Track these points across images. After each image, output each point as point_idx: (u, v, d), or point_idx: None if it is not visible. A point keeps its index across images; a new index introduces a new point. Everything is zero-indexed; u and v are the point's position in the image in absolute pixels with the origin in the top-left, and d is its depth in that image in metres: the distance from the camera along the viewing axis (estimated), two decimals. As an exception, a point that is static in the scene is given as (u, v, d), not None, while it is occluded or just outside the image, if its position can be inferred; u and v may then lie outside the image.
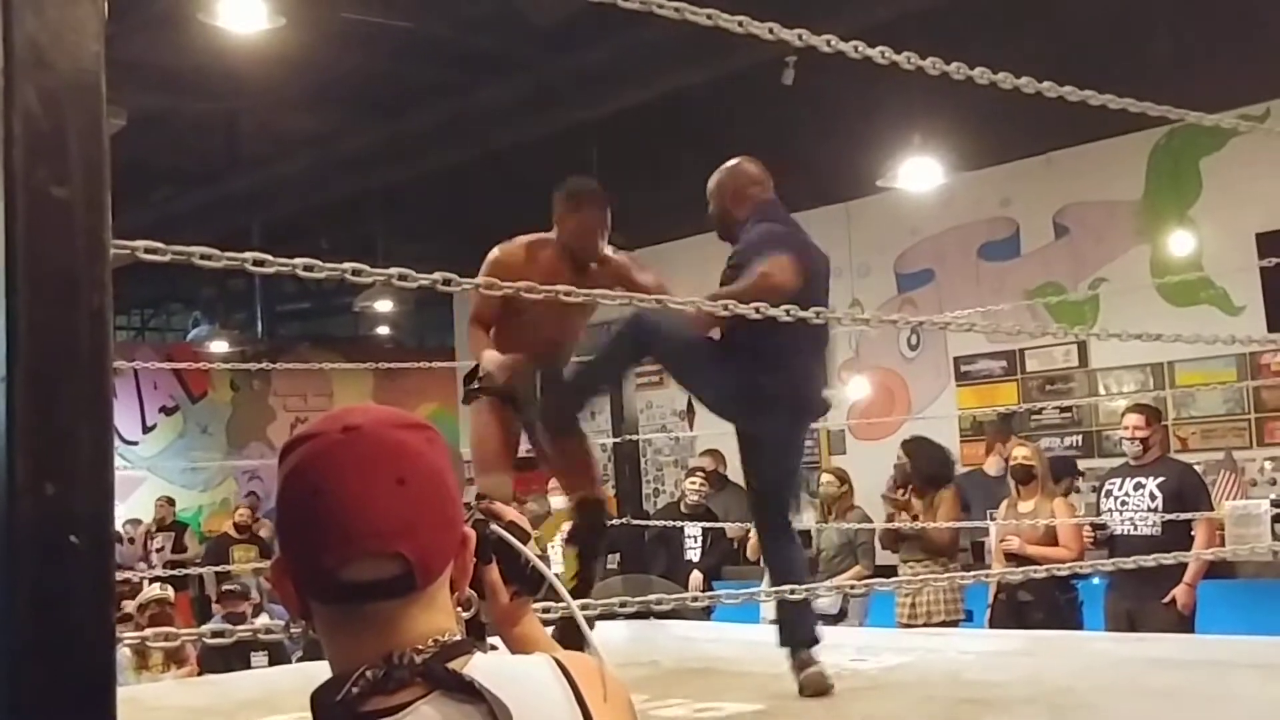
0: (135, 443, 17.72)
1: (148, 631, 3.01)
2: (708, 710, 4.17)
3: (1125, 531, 6.74)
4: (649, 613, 5.12)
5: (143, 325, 20.08)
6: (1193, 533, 6.60)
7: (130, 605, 7.05)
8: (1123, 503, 6.82)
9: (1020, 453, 7.38)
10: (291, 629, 1.87)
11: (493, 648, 1.41)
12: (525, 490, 9.68)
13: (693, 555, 9.01)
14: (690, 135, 10.45)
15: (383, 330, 17.98)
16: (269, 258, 2.32)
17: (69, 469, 1.22)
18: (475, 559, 1.36)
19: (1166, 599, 6.59)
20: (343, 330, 19.54)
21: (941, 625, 7.28)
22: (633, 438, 6.78)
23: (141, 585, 7.53)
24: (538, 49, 9.34)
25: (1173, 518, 6.48)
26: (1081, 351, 11.04)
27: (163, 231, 2.41)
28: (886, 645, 5.40)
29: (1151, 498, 6.72)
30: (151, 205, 12.10)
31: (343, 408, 1.33)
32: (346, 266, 2.42)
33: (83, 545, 1.22)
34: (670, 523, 8.50)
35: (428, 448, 1.29)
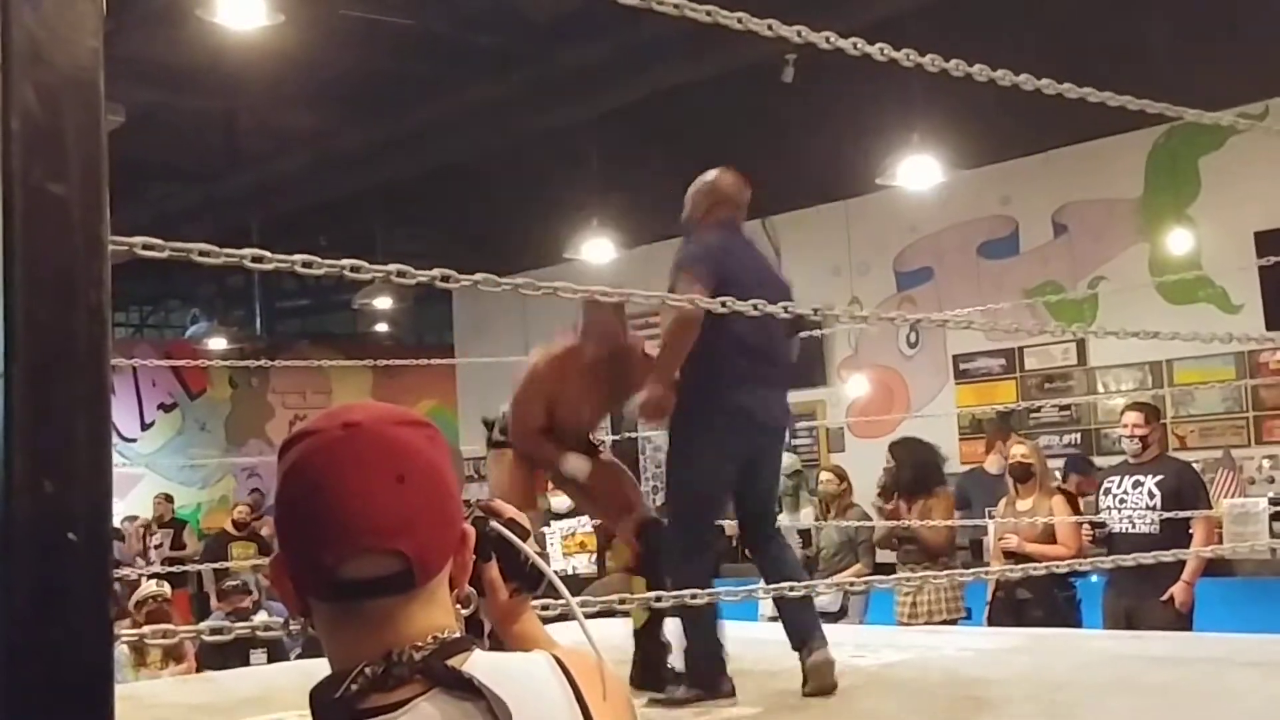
0: (134, 440, 17.73)
1: (146, 629, 3.00)
2: (707, 712, 4.17)
3: (1124, 529, 6.73)
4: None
5: (141, 322, 20.07)
6: (1191, 531, 6.59)
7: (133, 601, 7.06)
8: (1121, 500, 6.81)
9: (1018, 451, 7.38)
10: (291, 626, 1.87)
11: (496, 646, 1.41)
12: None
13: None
14: (689, 132, 10.46)
15: (382, 328, 17.97)
16: (267, 254, 2.31)
17: (67, 466, 1.22)
18: (475, 556, 1.36)
19: (1164, 597, 6.58)
20: (342, 328, 19.54)
21: (942, 624, 7.28)
22: (631, 435, 6.78)
23: (140, 582, 7.52)
24: (536, 45, 9.34)
25: (1171, 516, 6.48)
26: (1080, 350, 11.05)
27: (161, 229, 2.41)
28: (885, 642, 5.40)
29: (1150, 496, 6.71)
30: (150, 202, 12.11)
31: (342, 405, 1.33)
32: (345, 263, 2.42)
33: (80, 542, 1.22)
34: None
35: (427, 445, 1.29)
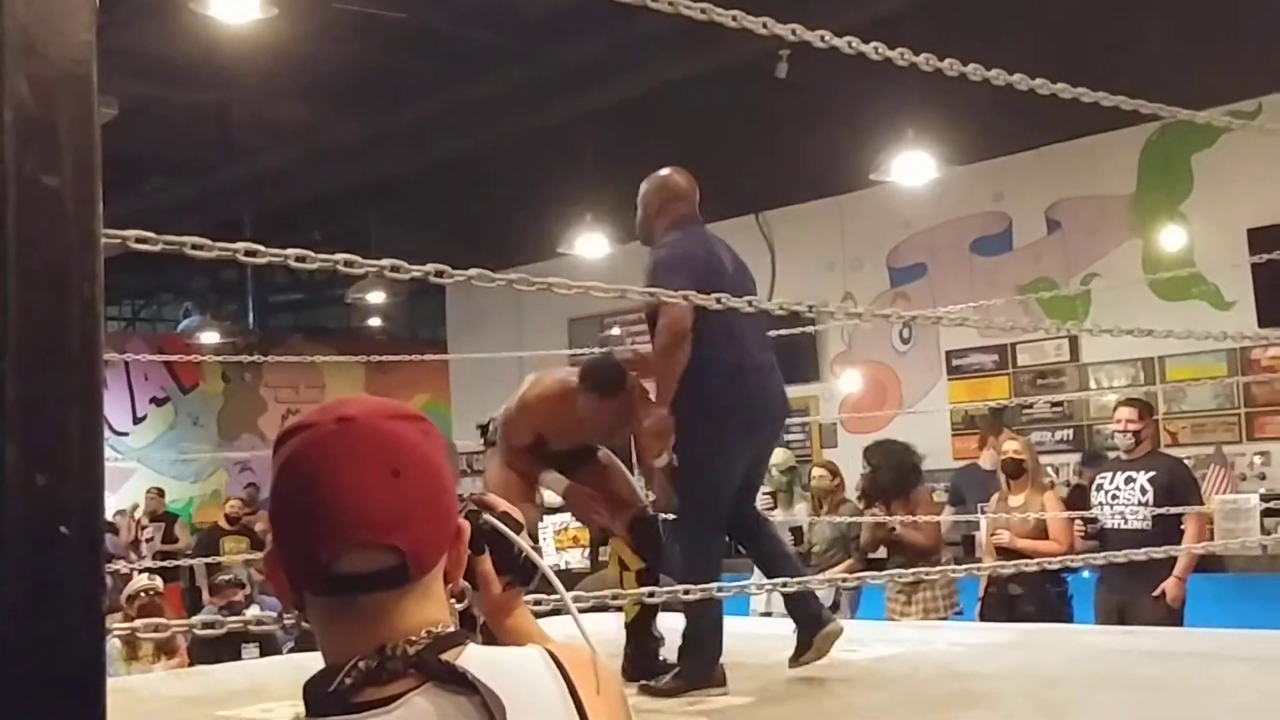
0: (125, 434, 17.72)
1: (138, 622, 3.00)
2: (699, 702, 4.18)
3: (1115, 525, 6.75)
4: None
5: (134, 316, 20.04)
6: (1182, 527, 6.61)
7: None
8: (1113, 496, 6.83)
9: (1010, 446, 7.40)
10: (284, 620, 1.88)
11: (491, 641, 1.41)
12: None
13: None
14: (684, 128, 10.46)
15: (375, 322, 17.97)
16: (260, 248, 2.31)
17: (59, 460, 1.22)
18: (469, 550, 1.36)
19: (1156, 593, 6.60)
20: (335, 322, 19.53)
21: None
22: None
23: (131, 576, 7.52)
24: (531, 41, 9.33)
25: (1163, 512, 6.50)
26: (1073, 346, 11.07)
27: (154, 222, 2.41)
28: (877, 637, 5.41)
29: (1142, 492, 6.72)
30: (143, 195, 12.08)
31: (337, 399, 1.32)
32: (339, 258, 2.42)
33: (73, 536, 1.22)
34: (663, 516, 8.47)
35: (422, 439, 1.29)
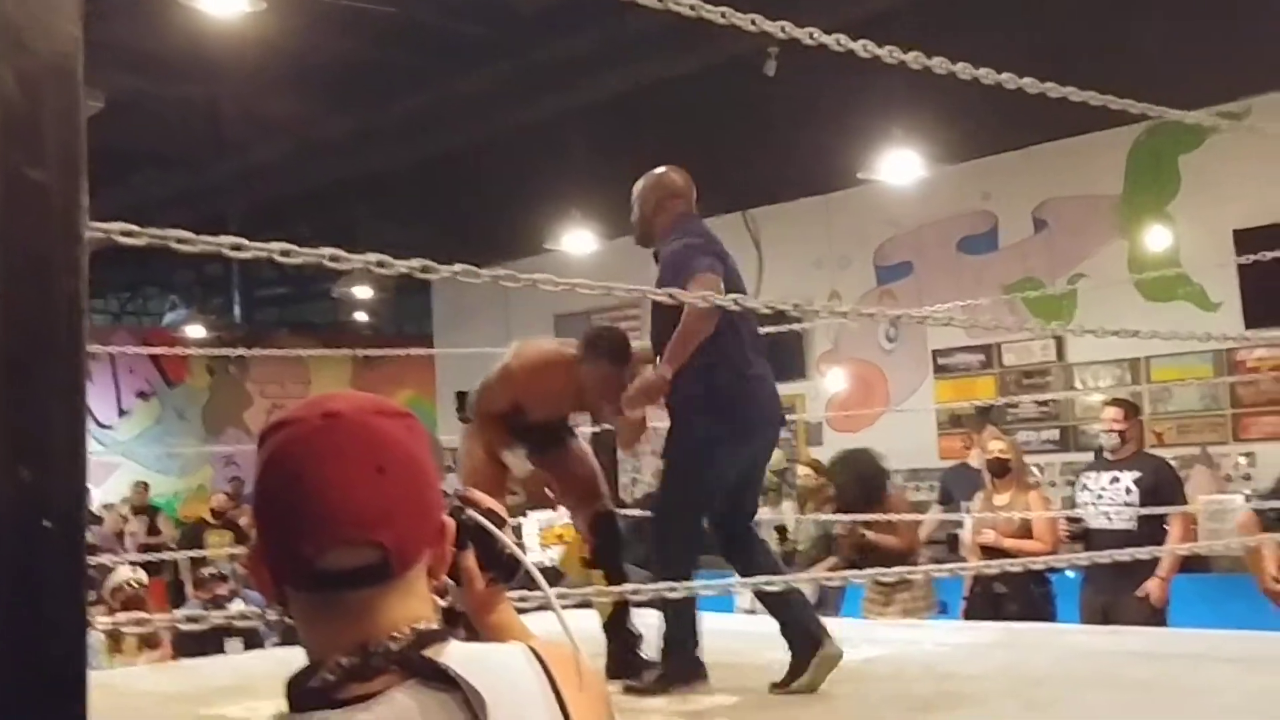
0: (110, 427, 17.67)
1: (122, 616, 3.00)
2: (685, 703, 4.18)
3: (1100, 525, 6.76)
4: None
5: (120, 310, 19.98)
6: (1167, 527, 6.63)
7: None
8: (1099, 496, 6.84)
9: (996, 446, 7.41)
10: (267, 615, 1.87)
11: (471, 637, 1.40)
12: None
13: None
14: (671, 125, 10.44)
15: (361, 317, 17.94)
16: (245, 242, 2.30)
17: (43, 454, 1.22)
18: (452, 547, 1.36)
19: (1140, 593, 6.62)
20: (321, 317, 19.49)
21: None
22: (609, 427, 6.76)
23: (115, 569, 7.50)
24: (520, 37, 9.32)
25: (1148, 512, 6.51)
26: (1059, 346, 11.09)
27: (143, 216, 2.40)
28: (863, 636, 5.40)
29: (1127, 492, 6.74)
30: (131, 189, 12.03)
31: (323, 394, 1.32)
32: (325, 252, 2.41)
33: (56, 530, 1.22)
34: (648, 513, 8.47)
35: (407, 435, 1.29)
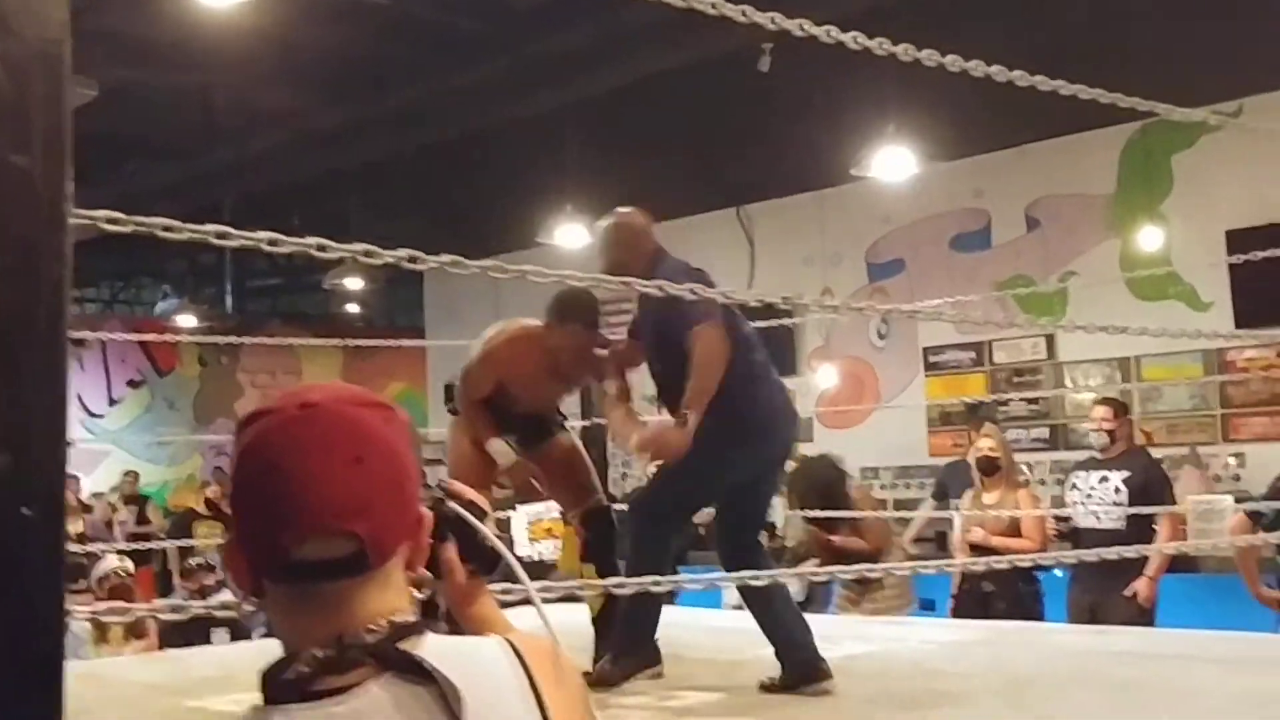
0: (101, 416, 17.63)
1: (101, 605, 2.99)
2: (671, 699, 4.17)
3: (1089, 524, 6.77)
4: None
5: (112, 298, 19.94)
6: (1155, 527, 6.64)
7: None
8: (1088, 495, 6.85)
9: (985, 444, 7.41)
10: (244, 608, 1.86)
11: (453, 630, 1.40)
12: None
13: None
14: (666, 121, 10.45)
15: (353, 309, 17.92)
16: (232, 230, 2.29)
17: (24, 441, 1.21)
18: (432, 539, 1.35)
19: (1128, 592, 6.63)
20: (313, 308, 19.45)
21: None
22: (601, 421, 6.75)
23: (104, 558, 7.48)
24: (514, 30, 9.30)
25: (1137, 511, 6.52)
26: (1050, 344, 11.10)
27: (135, 205, 2.39)
28: (850, 634, 5.41)
29: (1116, 491, 6.74)
30: (125, 178, 12.01)
31: (302, 384, 1.33)
32: (312, 241, 2.40)
33: (35, 517, 1.21)
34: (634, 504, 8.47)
35: (386, 427, 1.28)
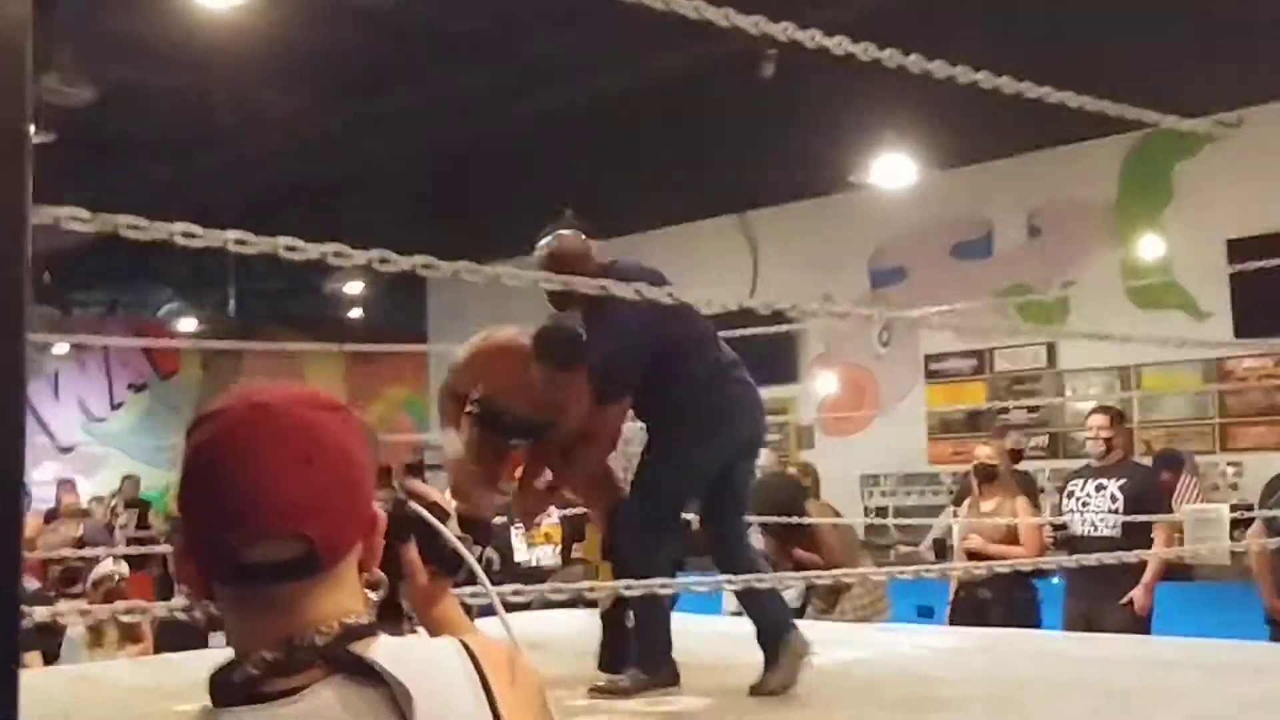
0: (103, 419, 17.64)
1: (62, 606, 2.98)
2: (662, 704, 4.16)
3: (1085, 532, 6.76)
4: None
5: (114, 301, 19.96)
6: (1152, 535, 6.63)
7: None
8: (1084, 504, 6.84)
9: (983, 451, 7.42)
10: (195, 611, 1.85)
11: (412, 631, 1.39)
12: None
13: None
14: (668, 126, 10.44)
15: (355, 313, 17.93)
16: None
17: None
18: (386, 540, 1.34)
19: (1124, 601, 6.62)
20: (316, 312, 19.45)
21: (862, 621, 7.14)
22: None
23: (101, 561, 7.49)
24: (515, 34, 9.30)
25: (1133, 519, 6.51)
26: (1050, 353, 11.09)
27: (134, 207, 2.40)
28: (843, 640, 5.40)
29: (1112, 500, 6.74)
30: (123, 179, 12.01)
31: (253, 385, 1.31)
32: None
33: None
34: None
35: (338, 427, 1.27)
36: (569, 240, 4.48)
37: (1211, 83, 8.81)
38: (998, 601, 7.02)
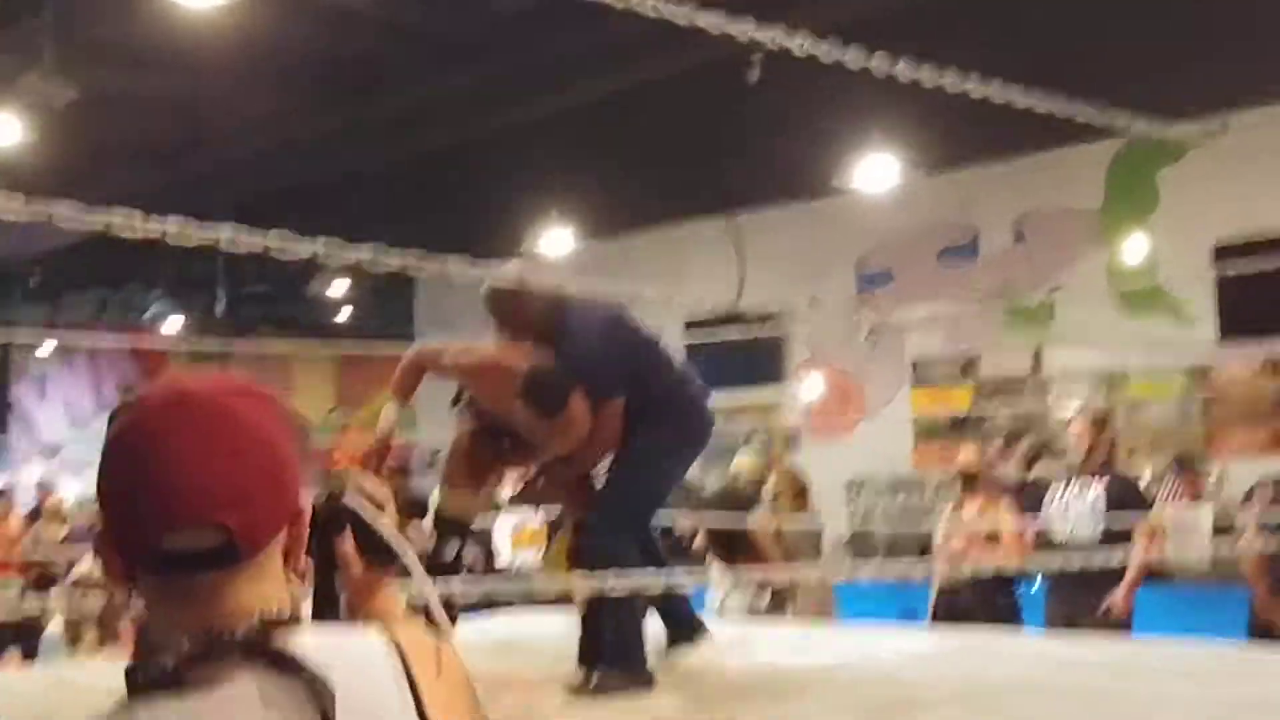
0: (90, 420, 17.60)
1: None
2: (634, 705, 4.17)
3: (1066, 536, 6.78)
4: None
5: (103, 304, 19.92)
6: (1133, 540, 6.65)
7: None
8: (1065, 508, 6.86)
9: (965, 456, 7.43)
10: (116, 602, 1.85)
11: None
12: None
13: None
14: (655, 129, 10.45)
15: (344, 317, 17.92)
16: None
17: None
18: (321, 532, 1.34)
19: (1104, 605, 6.64)
20: (305, 316, 19.42)
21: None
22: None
23: (81, 561, 7.47)
24: (504, 37, 9.31)
25: (1114, 524, 6.53)
26: (1036, 358, 11.11)
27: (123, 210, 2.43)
28: (822, 643, 5.41)
29: (1094, 504, 6.76)
30: (111, 183, 11.99)
31: (177, 374, 1.30)
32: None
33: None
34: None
35: (263, 416, 1.26)
36: (517, 276, 4.54)
37: (1196, 88, 8.85)
38: (979, 606, 7.03)
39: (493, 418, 4.61)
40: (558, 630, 5.01)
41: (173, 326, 15.80)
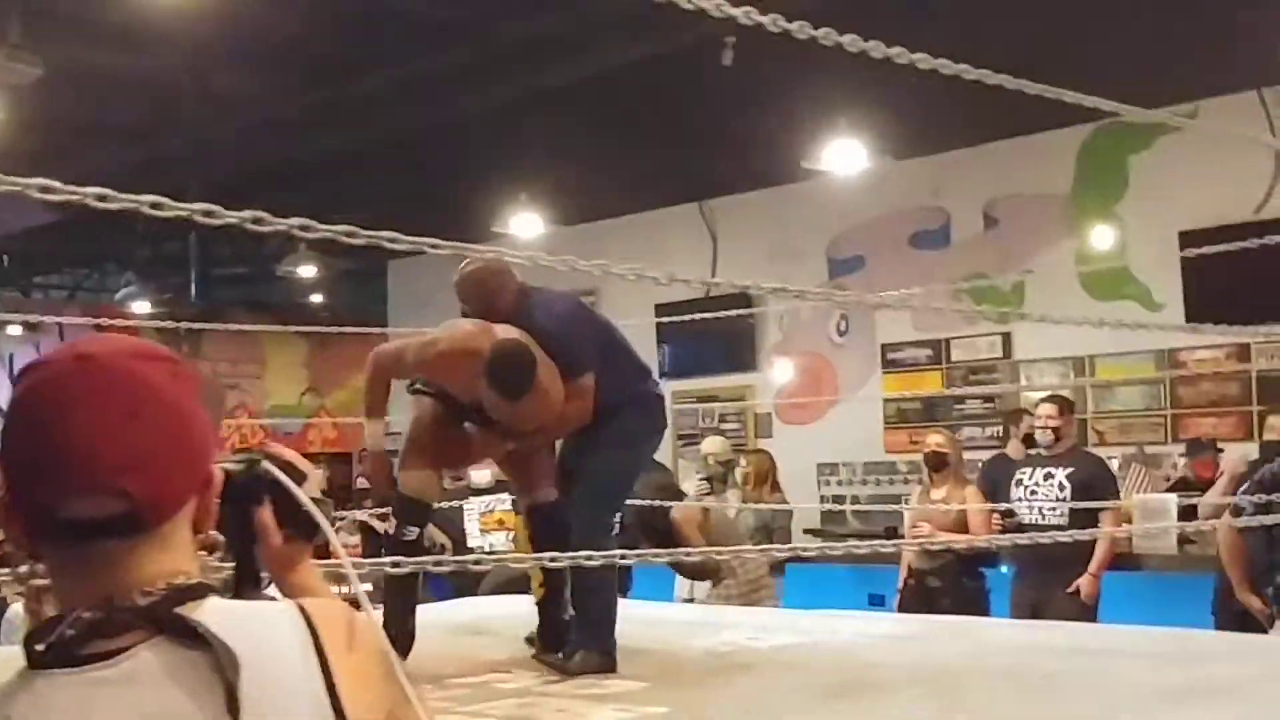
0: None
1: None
2: (593, 686, 4.19)
3: (1033, 521, 6.82)
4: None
5: (76, 285, 19.82)
6: (1100, 524, 6.69)
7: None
8: (1032, 492, 6.90)
9: (934, 440, 7.46)
10: (19, 572, 1.82)
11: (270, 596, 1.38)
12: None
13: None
14: (627, 113, 10.43)
15: (317, 299, 17.87)
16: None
17: None
18: (239, 502, 1.32)
19: (1071, 589, 6.69)
20: (278, 298, 19.37)
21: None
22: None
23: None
24: (478, 20, 9.26)
25: (1080, 507, 6.56)
26: (1005, 343, 11.16)
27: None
28: (786, 626, 5.43)
29: (1060, 488, 6.80)
30: (86, 161, 11.90)
31: (82, 338, 1.27)
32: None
33: None
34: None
35: (169, 381, 1.23)
36: (491, 260, 4.52)
37: (1166, 76, 8.89)
38: (946, 590, 7.08)
39: (454, 399, 4.61)
40: (519, 613, 5.02)
41: (145, 308, 15.70)
